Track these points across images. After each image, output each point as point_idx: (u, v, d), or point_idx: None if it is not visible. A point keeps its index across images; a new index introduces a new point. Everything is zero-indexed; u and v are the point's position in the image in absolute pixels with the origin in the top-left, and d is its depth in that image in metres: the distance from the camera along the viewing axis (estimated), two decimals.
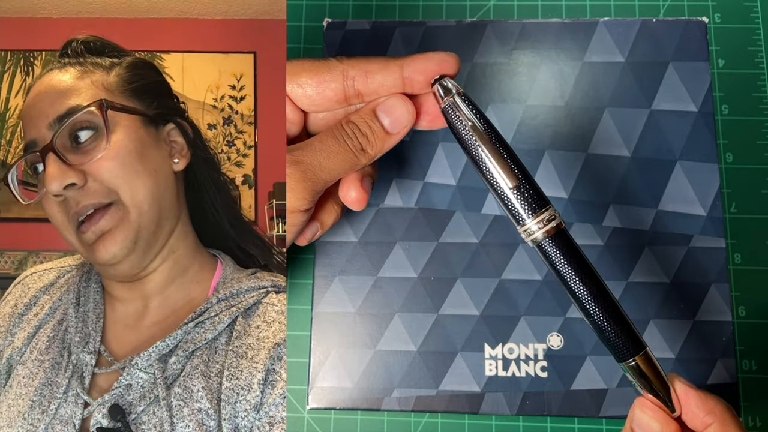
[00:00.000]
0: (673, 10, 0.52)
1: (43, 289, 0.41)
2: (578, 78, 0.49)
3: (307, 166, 0.35)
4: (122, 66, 0.39)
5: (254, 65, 1.80)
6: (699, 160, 0.47)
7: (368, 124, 0.37)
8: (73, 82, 0.37)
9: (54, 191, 0.34)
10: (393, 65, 0.36)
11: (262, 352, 0.34)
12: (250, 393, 0.33)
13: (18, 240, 1.75)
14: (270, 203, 1.66)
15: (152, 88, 0.39)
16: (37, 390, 0.35)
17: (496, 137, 0.34)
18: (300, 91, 0.37)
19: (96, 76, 0.38)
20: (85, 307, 0.38)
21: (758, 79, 0.50)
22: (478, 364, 0.45)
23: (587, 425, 0.46)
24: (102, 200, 0.35)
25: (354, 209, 0.39)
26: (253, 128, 1.79)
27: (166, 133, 0.39)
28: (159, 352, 0.35)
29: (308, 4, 0.54)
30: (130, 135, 0.36)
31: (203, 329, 0.35)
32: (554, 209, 0.34)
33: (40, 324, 0.39)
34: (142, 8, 1.72)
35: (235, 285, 0.37)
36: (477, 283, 0.46)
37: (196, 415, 0.33)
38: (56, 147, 0.35)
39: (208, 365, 0.34)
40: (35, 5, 1.74)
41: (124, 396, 0.34)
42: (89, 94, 0.36)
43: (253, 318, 0.36)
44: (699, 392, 0.33)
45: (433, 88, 0.36)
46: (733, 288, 0.47)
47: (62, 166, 0.35)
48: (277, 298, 0.37)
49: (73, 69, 0.38)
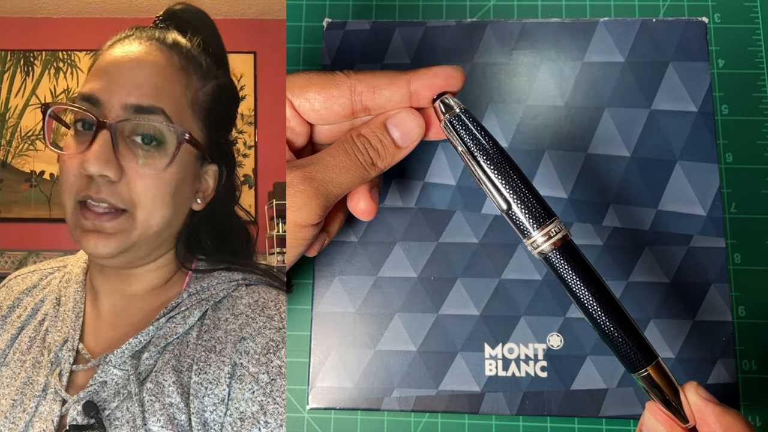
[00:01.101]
0: (673, 10, 0.52)
1: (25, 291, 0.41)
2: (578, 78, 0.49)
3: (320, 183, 0.36)
4: (215, 85, 0.38)
5: (254, 65, 1.80)
6: (699, 160, 0.47)
7: (379, 138, 0.37)
8: (172, 73, 0.35)
9: (88, 172, 0.33)
10: (400, 80, 0.36)
11: (228, 345, 0.34)
12: (218, 387, 0.33)
13: (18, 240, 1.75)
14: (270, 203, 1.67)
15: (226, 119, 0.39)
16: (19, 389, 0.35)
17: (493, 156, 0.34)
18: (308, 105, 0.37)
19: (192, 83, 0.36)
20: (65, 306, 0.38)
21: (758, 79, 0.50)
22: (478, 364, 0.45)
23: (587, 425, 0.46)
24: (119, 205, 0.34)
25: (363, 219, 0.40)
26: (253, 128, 1.79)
27: (204, 171, 0.38)
28: (132, 349, 0.34)
29: (308, 4, 0.54)
30: (182, 169, 0.35)
31: (174, 324, 0.35)
32: (560, 221, 0.34)
33: (22, 325, 0.39)
34: (142, 8, 1.72)
35: (206, 279, 0.37)
36: (477, 283, 0.46)
37: (168, 410, 0.32)
38: (117, 130, 0.34)
39: (179, 360, 0.34)
40: (35, 5, 1.74)
41: (99, 393, 0.34)
42: (176, 104, 0.35)
43: (222, 311, 0.35)
44: (718, 406, 0.32)
45: (435, 105, 0.36)
46: (733, 288, 0.47)
47: (110, 154, 0.33)
48: (246, 291, 0.36)
49: (178, 54, 0.36)
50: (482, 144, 0.35)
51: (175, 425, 0.32)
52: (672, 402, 0.33)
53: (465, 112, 0.35)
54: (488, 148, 0.34)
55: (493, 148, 0.34)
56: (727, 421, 0.31)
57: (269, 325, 0.34)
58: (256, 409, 0.32)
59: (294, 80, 0.38)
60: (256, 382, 0.32)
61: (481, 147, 0.35)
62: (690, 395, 0.32)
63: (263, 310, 0.35)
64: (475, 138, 0.35)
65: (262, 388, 0.32)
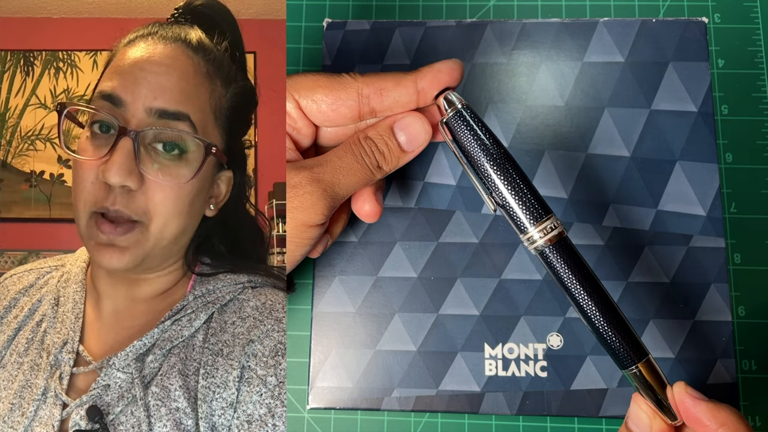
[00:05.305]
0: (673, 10, 0.52)
1: (22, 290, 0.40)
2: (578, 78, 0.49)
3: (327, 184, 0.36)
4: (237, 90, 0.37)
5: (254, 65, 1.80)
6: (699, 160, 0.47)
7: (385, 141, 0.37)
8: (198, 80, 0.34)
9: (109, 182, 0.32)
10: (407, 80, 0.37)
11: (236, 348, 0.33)
12: (226, 391, 0.32)
13: (18, 240, 1.75)
14: (270, 203, 1.66)
15: (244, 123, 0.38)
16: (17, 392, 0.35)
17: (493, 152, 0.35)
18: (315, 107, 0.37)
19: (216, 89, 0.36)
20: (64, 307, 0.37)
21: (758, 79, 0.50)
22: (478, 364, 0.45)
23: (587, 425, 0.46)
24: (133, 216, 0.33)
25: (367, 222, 0.40)
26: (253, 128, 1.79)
27: (218, 178, 0.37)
28: (136, 352, 0.34)
29: (308, 4, 0.54)
30: (202, 179, 0.35)
31: (180, 326, 0.35)
32: (556, 218, 0.34)
33: (19, 326, 0.38)
34: (142, 8, 1.72)
35: (211, 282, 0.37)
36: (477, 283, 0.46)
37: (174, 415, 0.32)
38: (140, 138, 0.33)
39: (185, 363, 0.34)
40: (35, 5, 1.74)
41: (102, 396, 0.33)
42: (201, 112, 0.34)
43: (228, 314, 0.35)
44: (710, 403, 0.32)
45: (438, 101, 0.37)
46: (733, 288, 0.47)
47: (132, 163, 0.32)
48: (252, 294, 0.36)
49: (205, 60, 0.35)
50: (483, 140, 0.35)
51: (182, 430, 0.32)
52: (662, 400, 0.33)
53: (467, 108, 0.36)
54: (489, 146, 0.35)
55: (494, 145, 0.35)
56: (721, 417, 0.31)
57: (277, 328, 0.34)
58: (264, 411, 0.32)
59: (301, 81, 0.38)
60: (264, 384, 0.32)
61: (482, 143, 0.35)
62: (679, 394, 0.32)
63: (271, 313, 0.35)
64: (477, 134, 0.35)
65: (270, 391, 0.32)
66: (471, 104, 0.49)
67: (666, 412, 0.33)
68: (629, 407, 0.35)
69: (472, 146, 0.35)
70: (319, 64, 0.52)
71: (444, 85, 0.36)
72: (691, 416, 0.32)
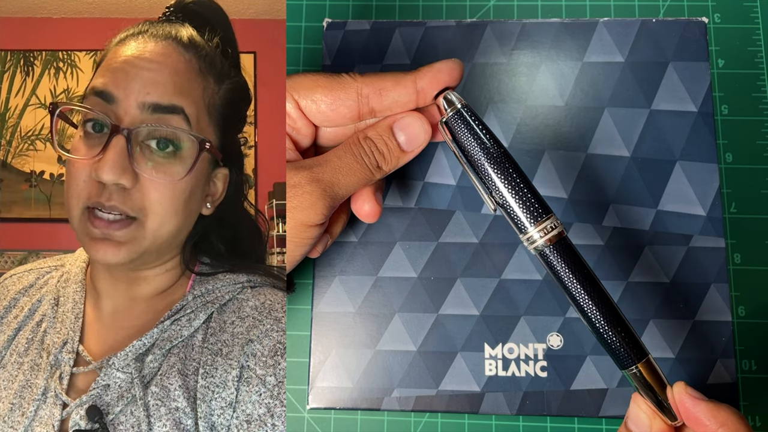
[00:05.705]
0: (672, 10, 0.52)
1: (22, 290, 0.40)
2: (578, 78, 0.49)
3: (327, 184, 0.36)
4: (230, 86, 0.37)
5: (254, 65, 1.80)
6: (699, 160, 0.47)
7: (385, 141, 0.37)
8: (191, 76, 0.34)
9: (102, 180, 0.32)
10: (406, 80, 0.37)
11: (235, 348, 0.33)
12: (225, 390, 0.32)
13: (18, 240, 1.75)
14: (270, 203, 1.66)
15: (238, 120, 0.38)
16: (17, 392, 0.35)
17: (493, 152, 0.35)
18: (314, 107, 0.37)
19: (209, 85, 0.36)
20: (64, 307, 0.37)
21: (758, 79, 0.50)
22: (478, 364, 0.45)
23: (587, 425, 0.46)
24: (129, 213, 0.33)
25: (367, 222, 0.40)
26: (253, 128, 1.79)
27: (214, 175, 0.37)
28: (136, 351, 0.34)
29: (308, 4, 0.54)
30: (197, 176, 0.35)
31: (179, 326, 0.35)
32: (556, 218, 0.34)
33: (19, 326, 0.38)
34: (142, 8, 1.72)
35: (210, 281, 0.37)
36: (477, 283, 0.46)
37: (173, 414, 0.32)
38: (133, 136, 0.32)
39: (184, 363, 0.34)
40: (35, 5, 1.74)
41: (102, 396, 0.33)
42: (194, 107, 0.34)
43: (227, 314, 0.35)
44: (710, 403, 0.32)
45: (437, 101, 0.37)
46: (733, 288, 0.47)
47: (126, 161, 0.32)
48: (252, 293, 0.36)
49: (197, 56, 0.35)
50: (483, 140, 0.35)
51: (182, 430, 0.32)
52: (662, 400, 0.33)
53: (467, 108, 0.36)
54: (489, 145, 0.35)
55: (493, 145, 0.35)
56: (721, 417, 0.31)
57: (276, 328, 0.34)
58: (263, 411, 0.32)
59: (301, 81, 0.38)
60: (263, 384, 0.32)
61: (482, 142, 0.35)
62: (679, 394, 0.32)
63: (270, 313, 0.35)
64: (476, 134, 0.35)
65: (269, 391, 0.32)
66: (471, 104, 0.49)
67: (666, 412, 0.33)
68: (629, 407, 0.35)
69: (471, 146, 0.35)
70: (319, 64, 0.52)
71: (444, 85, 0.36)
72: (691, 416, 0.32)
